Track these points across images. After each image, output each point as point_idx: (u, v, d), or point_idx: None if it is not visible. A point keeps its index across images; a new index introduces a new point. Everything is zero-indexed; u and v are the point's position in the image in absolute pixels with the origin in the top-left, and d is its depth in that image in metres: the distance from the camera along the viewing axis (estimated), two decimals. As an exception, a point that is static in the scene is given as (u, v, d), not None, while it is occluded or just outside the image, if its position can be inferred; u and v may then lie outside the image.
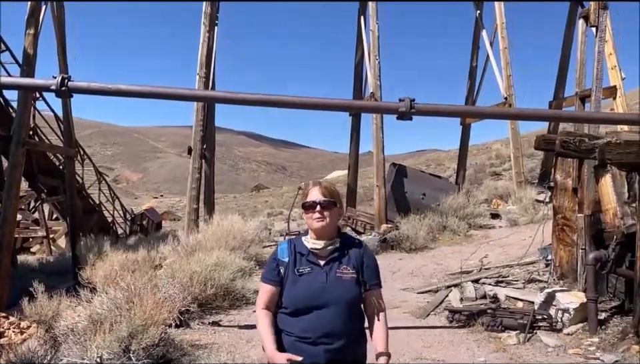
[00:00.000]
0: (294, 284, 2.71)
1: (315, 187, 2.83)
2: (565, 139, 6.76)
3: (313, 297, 2.67)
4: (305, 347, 2.64)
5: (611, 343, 5.82)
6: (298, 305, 2.68)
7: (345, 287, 2.71)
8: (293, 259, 2.76)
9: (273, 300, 2.76)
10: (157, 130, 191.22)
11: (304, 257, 2.76)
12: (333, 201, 2.79)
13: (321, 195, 2.78)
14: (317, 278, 2.71)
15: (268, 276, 2.79)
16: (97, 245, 13.07)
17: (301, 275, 2.72)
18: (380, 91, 15.82)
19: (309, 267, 2.74)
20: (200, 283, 7.43)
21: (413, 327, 7.00)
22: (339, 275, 2.72)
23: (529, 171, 22.56)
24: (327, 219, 2.75)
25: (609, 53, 13.13)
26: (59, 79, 4.78)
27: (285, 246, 2.82)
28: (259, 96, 5.73)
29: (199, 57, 14.99)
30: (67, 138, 15.78)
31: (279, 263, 2.77)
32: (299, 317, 2.68)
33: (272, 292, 2.76)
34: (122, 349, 5.03)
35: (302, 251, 2.78)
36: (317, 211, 2.75)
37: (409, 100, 5.59)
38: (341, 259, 2.77)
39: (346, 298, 2.70)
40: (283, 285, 2.74)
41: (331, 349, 2.64)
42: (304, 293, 2.68)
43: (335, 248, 2.78)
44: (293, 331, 2.68)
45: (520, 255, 9.42)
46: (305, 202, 2.80)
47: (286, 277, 2.74)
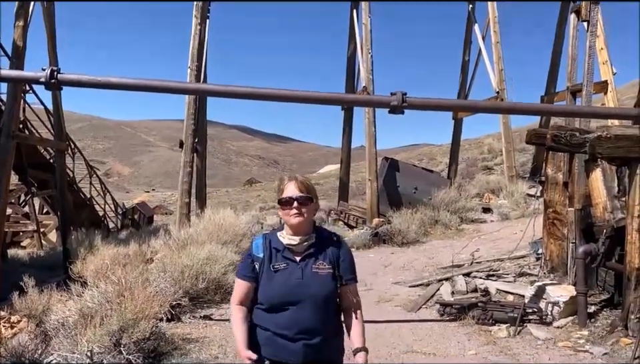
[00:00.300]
0: (269, 280, 2.68)
1: (290, 181, 2.77)
2: (556, 133, 6.78)
3: (289, 294, 2.64)
4: (283, 342, 2.64)
5: (600, 336, 5.88)
6: (274, 301, 2.66)
7: (321, 282, 2.69)
8: (269, 254, 2.72)
9: (248, 296, 2.74)
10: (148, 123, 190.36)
11: (279, 252, 2.73)
12: (310, 197, 2.74)
13: (298, 190, 2.72)
14: (292, 274, 2.68)
15: (243, 272, 2.76)
16: (88, 239, 13.00)
17: (277, 271, 2.68)
18: (372, 85, 15.81)
19: (284, 263, 2.70)
20: (191, 277, 7.41)
21: (404, 321, 7.03)
22: (315, 270, 2.70)
23: (521, 165, 22.65)
24: (304, 215, 2.71)
25: (600, 47, 13.16)
26: (48, 72, 4.75)
27: (259, 241, 2.78)
28: (250, 89, 5.72)
29: (190, 49, 14.91)
30: (58, 131, 15.66)
31: (254, 259, 2.73)
32: (276, 313, 2.66)
33: (247, 288, 2.73)
34: (113, 342, 5.03)
35: (277, 246, 2.74)
36: (294, 207, 2.70)
37: (401, 94, 5.61)
38: (316, 255, 2.73)
39: (322, 293, 2.69)
40: (258, 280, 2.71)
41: (309, 344, 2.63)
42: (280, 289, 2.65)
43: (310, 243, 2.74)
44: (269, 327, 2.66)
45: (511, 248, 9.47)
46: (281, 198, 2.75)
47: (261, 273, 2.71)
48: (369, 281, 9.19)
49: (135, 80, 5.10)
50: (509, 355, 5.62)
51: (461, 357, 5.62)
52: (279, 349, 2.64)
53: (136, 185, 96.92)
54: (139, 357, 5.05)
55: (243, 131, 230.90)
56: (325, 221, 17.04)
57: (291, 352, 2.63)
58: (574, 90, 12.52)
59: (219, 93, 6.01)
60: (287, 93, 5.82)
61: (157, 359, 5.40)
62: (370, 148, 15.62)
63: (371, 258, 11.37)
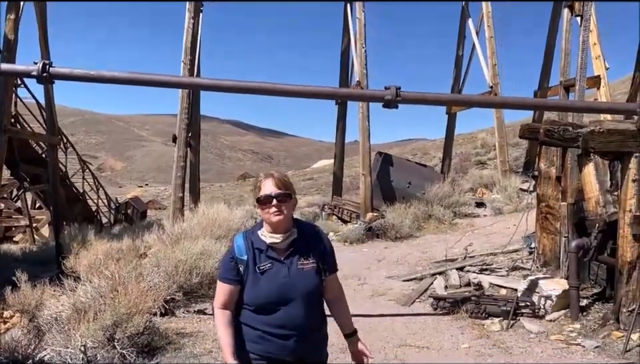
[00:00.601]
0: (256, 282, 2.63)
1: (267, 179, 2.70)
2: (549, 127, 6.80)
3: (278, 294, 2.62)
4: (274, 340, 2.63)
5: (592, 329, 5.92)
6: (262, 303, 2.62)
7: (307, 278, 2.67)
8: (252, 255, 2.66)
9: (232, 299, 2.68)
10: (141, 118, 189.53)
11: (263, 252, 2.67)
12: (288, 193, 2.69)
13: (276, 188, 2.67)
14: (278, 273, 2.64)
15: (226, 275, 2.69)
16: (81, 234, 12.96)
17: (263, 273, 2.63)
18: (366, 80, 15.78)
19: (269, 263, 2.65)
20: (185, 272, 7.40)
21: (397, 315, 7.05)
22: (300, 267, 2.67)
23: (514, 160, 22.72)
24: (284, 212, 2.66)
25: (593, 42, 13.19)
26: (40, 65, 4.69)
27: (241, 243, 2.69)
28: (243, 83, 5.69)
29: (184, 43, 14.85)
30: (50, 126, 15.59)
31: (238, 261, 2.66)
32: (265, 314, 2.63)
33: (231, 292, 2.67)
34: (106, 337, 5.02)
35: (260, 246, 2.68)
36: (274, 204, 2.64)
37: (395, 88, 5.58)
38: (300, 250, 2.70)
39: (310, 289, 2.68)
40: (243, 283, 2.66)
41: (300, 340, 2.64)
42: (267, 290, 2.62)
43: (293, 239, 2.70)
44: (259, 327, 2.63)
45: (504, 243, 9.51)
46: (260, 196, 2.68)
47: (246, 275, 2.65)
48: (362, 276, 9.21)
49: (127, 73, 5.05)
50: (501, 348, 5.65)
51: (454, 351, 5.65)
52: (269, 346, 2.63)
53: (129, 179, 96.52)
54: (132, 352, 5.05)
55: (237, 126, 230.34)
56: (318, 215, 17.05)
57: (282, 348, 2.63)
58: (567, 85, 12.57)
59: (211, 86, 5.98)
60: (280, 87, 5.80)
61: (150, 353, 5.40)
62: (364, 142, 15.61)
63: (365, 252, 11.39)
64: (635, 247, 5.69)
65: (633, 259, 5.70)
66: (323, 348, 2.84)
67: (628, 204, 5.73)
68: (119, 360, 4.89)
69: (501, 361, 5.27)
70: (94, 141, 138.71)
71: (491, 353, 5.52)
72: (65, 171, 19.11)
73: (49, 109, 15.67)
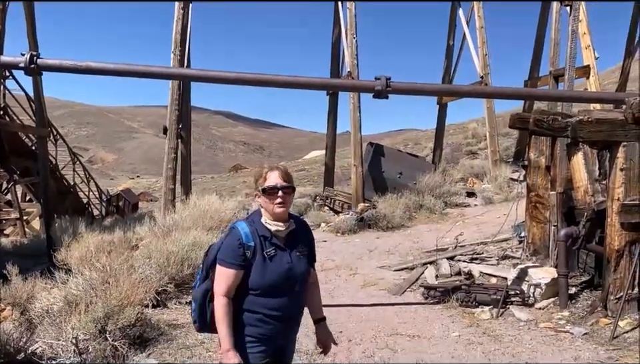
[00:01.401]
0: (265, 267, 2.75)
1: (274, 170, 2.84)
2: (539, 117, 6.85)
3: (284, 278, 2.77)
4: (272, 322, 2.77)
5: (581, 316, 6.00)
6: (270, 286, 2.75)
7: (304, 264, 2.89)
8: (259, 242, 2.77)
9: (236, 284, 2.76)
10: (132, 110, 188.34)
11: (267, 240, 2.79)
12: (293, 186, 2.86)
13: (282, 180, 2.81)
14: (283, 259, 2.79)
15: (233, 261, 2.75)
16: (72, 226, 12.91)
17: (271, 258, 2.77)
18: (357, 70, 15.76)
19: (273, 249, 2.79)
20: (177, 263, 7.40)
21: (388, 304, 7.11)
22: (298, 254, 2.86)
23: (504, 150, 22.83)
24: (286, 204, 2.81)
25: (582, 32, 13.25)
26: (27, 56, 4.69)
27: (247, 230, 2.78)
28: (234, 74, 5.69)
29: (173, 34, 14.75)
30: (39, 118, 15.48)
31: (245, 247, 2.74)
32: (270, 297, 2.76)
33: (237, 276, 2.75)
34: (98, 329, 5.02)
35: (265, 234, 2.80)
36: (279, 196, 2.78)
37: (385, 78, 5.63)
38: (296, 239, 2.89)
39: (305, 275, 2.90)
40: (248, 268, 2.75)
41: (294, 320, 2.88)
42: (275, 274, 2.75)
43: (292, 229, 2.87)
44: (260, 310, 2.76)
45: (494, 232, 9.58)
46: (266, 186, 2.80)
47: (252, 261, 2.75)
48: (354, 266, 9.26)
49: (116, 65, 5.05)
50: (491, 336, 5.71)
51: (445, 339, 5.70)
52: (266, 329, 2.77)
53: (120, 171, 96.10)
54: (124, 343, 5.05)
55: (228, 117, 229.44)
56: (310, 206, 17.08)
57: (278, 329, 2.79)
58: (556, 74, 12.63)
59: (201, 77, 5.98)
60: (271, 77, 5.81)
61: (142, 344, 5.41)
62: (355, 133, 15.62)
63: (357, 243, 11.44)
64: (622, 235, 5.76)
65: (620, 247, 5.76)
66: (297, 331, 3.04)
67: (616, 192, 5.79)
68: (110, 352, 4.90)
69: (490, 349, 5.32)
70: (84, 133, 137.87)
71: (481, 341, 5.58)
72: (55, 163, 18.99)
73: (38, 100, 15.56)
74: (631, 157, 5.72)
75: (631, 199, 5.71)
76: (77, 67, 4.62)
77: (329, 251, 10.69)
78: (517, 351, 5.27)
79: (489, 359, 5.11)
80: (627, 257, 5.76)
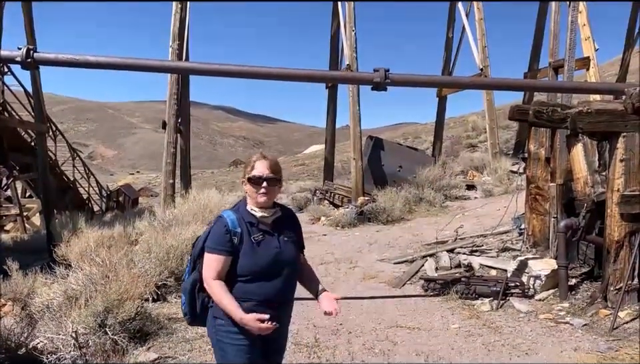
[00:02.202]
0: (253, 252, 2.79)
1: (262, 160, 2.87)
2: (538, 109, 6.83)
3: (273, 262, 2.81)
4: (264, 309, 2.76)
5: (581, 308, 6.00)
6: (260, 271, 2.78)
7: (292, 249, 2.92)
8: (246, 228, 2.81)
9: (225, 269, 2.80)
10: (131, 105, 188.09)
11: (254, 226, 2.84)
12: (278, 178, 2.87)
13: (268, 171, 2.85)
14: (271, 244, 2.84)
15: (220, 247, 2.79)
16: (72, 221, 12.89)
17: (259, 243, 2.80)
18: (357, 63, 15.71)
19: (261, 235, 2.83)
20: (177, 257, 7.39)
21: (389, 296, 7.11)
22: (286, 239, 2.90)
23: (504, 143, 22.82)
24: (270, 194, 2.85)
25: (582, 23, 13.19)
26: (24, 50, 4.67)
27: (234, 217, 2.84)
28: (233, 67, 5.67)
29: (172, 28, 14.71)
30: (38, 113, 15.46)
31: (232, 234, 2.79)
32: (260, 282, 2.78)
33: (225, 262, 2.79)
34: (98, 323, 5.03)
35: (251, 220, 2.84)
36: (264, 186, 2.82)
37: (384, 70, 5.61)
38: (283, 226, 2.93)
39: (295, 259, 2.94)
40: (236, 254, 2.79)
41: (284, 308, 2.90)
42: (264, 259, 2.80)
43: (278, 216, 2.91)
44: (251, 297, 2.78)
45: (494, 224, 9.58)
46: (252, 175, 2.83)
47: (240, 247, 2.79)
48: (354, 259, 9.26)
49: (113, 58, 5.03)
50: (491, 328, 5.72)
51: (445, 331, 5.70)
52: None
53: (120, 167, 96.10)
54: (124, 337, 5.06)
55: (228, 112, 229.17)
56: (310, 200, 17.08)
57: (272, 316, 2.77)
58: (556, 65, 12.57)
59: (200, 71, 5.97)
60: (269, 70, 5.79)
61: (142, 338, 5.42)
62: (354, 127, 15.58)
63: (357, 236, 11.44)
64: (622, 226, 5.75)
65: (620, 238, 5.76)
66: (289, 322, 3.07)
67: (616, 183, 5.78)
68: (110, 346, 4.90)
69: (490, 341, 5.33)
70: (84, 129, 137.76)
71: (481, 332, 5.59)
72: (54, 159, 18.98)
73: (37, 96, 15.53)
74: (630, 147, 5.72)
75: (631, 190, 5.71)
76: (74, 60, 4.61)
77: (329, 245, 10.69)
78: (516, 342, 5.27)
79: (488, 350, 5.11)
80: (626, 248, 5.75)
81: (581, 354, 4.82)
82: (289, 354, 5.06)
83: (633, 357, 4.57)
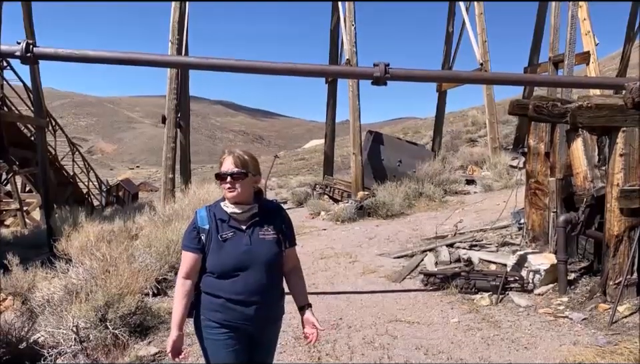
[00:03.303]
0: (219, 249, 2.78)
1: (228, 156, 2.86)
2: (538, 103, 6.82)
3: (240, 260, 2.77)
4: (236, 308, 2.77)
5: (580, 302, 6.01)
6: (226, 269, 2.77)
7: (267, 246, 2.84)
8: (215, 225, 2.82)
9: (195, 267, 2.82)
10: (131, 100, 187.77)
11: (225, 222, 2.83)
12: (244, 172, 2.83)
13: (233, 165, 2.82)
14: (240, 241, 2.80)
15: (189, 244, 2.83)
16: (72, 216, 12.93)
17: (225, 240, 2.80)
18: (356, 58, 15.69)
19: (231, 232, 2.82)
20: (177, 252, 7.40)
21: (388, 291, 7.12)
22: (262, 236, 2.84)
23: (504, 137, 22.80)
24: (237, 189, 2.81)
25: (582, 18, 13.19)
26: (23, 45, 4.66)
27: (204, 214, 2.86)
28: (232, 61, 5.66)
29: (171, 22, 14.70)
30: (37, 108, 15.45)
31: (200, 231, 2.82)
32: (227, 279, 2.77)
33: (194, 259, 2.81)
34: (98, 318, 5.05)
35: (222, 217, 2.84)
36: (228, 181, 2.81)
37: (384, 65, 5.59)
38: (261, 223, 2.87)
39: (270, 257, 2.84)
40: (206, 251, 2.80)
41: (261, 307, 2.81)
42: (230, 257, 2.77)
43: (254, 213, 2.87)
44: (222, 294, 2.78)
45: (494, 219, 9.58)
46: (218, 172, 2.86)
47: (208, 244, 2.80)
48: (354, 253, 9.27)
49: (112, 53, 5.03)
50: (490, 322, 5.73)
51: (444, 325, 5.71)
52: (231, 315, 2.78)
53: (120, 162, 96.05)
54: (125, 331, 5.08)
55: (228, 107, 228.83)
56: (310, 195, 17.09)
57: (244, 316, 2.78)
58: (556, 60, 12.57)
59: (200, 65, 5.95)
60: (269, 65, 5.78)
61: (143, 332, 5.44)
62: (354, 121, 15.59)
63: (356, 230, 11.45)
64: (622, 220, 5.76)
65: (619, 233, 5.76)
66: (278, 320, 3.03)
67: (615, 178, 5.78)
68: (111, 340, 4.92)
69: (490, 335, 5.34)
70: (84, 124, 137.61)
71: (480, 326, 5.60)
72: (54, 153, 18.99)
73: (36, 90, 15.51)
74: (630, 142, 5.71)
75: (630, 185, 5.71)
76: (74, 55, 4.60)
77: (328, 239, 10.71)
78: (515, 336, 5.29)
79: (488, 344, 5.12)
80: (626, 243, 5.76)
81: (580, 348, 4.83)
82: (288, 348, 5.09)
83: (631, 351, 4.58)
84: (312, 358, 4.93)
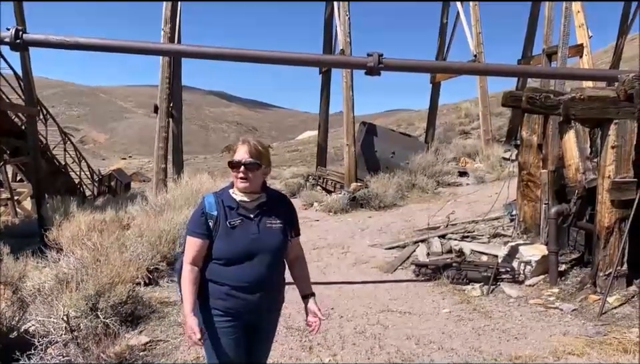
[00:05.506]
0: (227, 236, 2.78)
1: (243, 144, 2.85)
2: (531, 95, 6.83)
3: (248, 247, 2.78)
4: (241, 295, 2.78)
5: (570, 293, 6.06)
6: (233, 256, 2.77)
7: (275, 235, 2.86)
8: (223, 212, 2.81)
9: (201, 253, 2.81)
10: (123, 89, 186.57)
11: (234, 210, 2.83)
12: (258, 163, 2.82)
13: (247, 155, 2.81)
14: (249, 229, 2.80)
15: (197, 230, 2.82)
16: (64, 206, 12.86)
17: (234, 227, 2.79)
18: (350, 48, 15.62)
19: (239, 219, 2.81)
20: (169, 242, 7.40)
21: (380, 281, 7.15)
22: (269, 225, 2.85)
23: (497, 129, 22.82)
24: (250, 180, 2.81)
25: (576, 10, 13.18)
26: (12, 31, 4.61)
27: (212, 200, 2.85)
28: (225, 50, 5.62)
29: (163, 11, 14.56)
30: (28, 96, 15.29)
31: (208, 217, 2.81)
32: (233, 266, 2.77)
33: (201, 245, 2.81)
34: (89, 307, 5.02)
35: (231, 204, 2.84)
36: (241, 171, 2.80)
37: (377, 55, 5.57)
38: (268, 212, 2.88)
39: (276, 246, 2.86)
40: (213, 237, 2.80)
41: (265, 295, 2.83)
42: (239, 244, 2.78)
43: (262, 202, 2.88)
44: (227, 281, 2.78)
45: (486, 211, 9.62)
46: (231, 160, 2.83)
47: (216, 230, 2.79)
48: (346, 244, 9.29)
49: (103, 40, 4.97)
50: (481, 312, 5.76)
51: (436, 315, 5.75)
52: (234, 302, 2.78)
53: (112, 151, 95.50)
54: (116, 321, 5.05)
55: (221, 97, 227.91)
56: (303, 186, 17.07)
57: (246, 303, 2.79)
58: (549, 52, 12.58)
59: (192, 53, 5.91)
60: (262, 53, 5.74)
61: (134, 322, 5.43)
62: (347, 112, 15.55)
63: (349, 222, 11.47)
64: (612, 212, 5.79)
65: (610, 225, 5.80)
66: (278, 308, 3.06)
67: (607, 170, 5.81)
68: (102, 329, 4.90)
69: (480, 325, 5.37)
70: (75, 113, 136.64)
71: (471, 317, 5.63)
72: (45, 143, 18.84)
73: (27, 78, 15.34)
74: (622, 134, 5.74)
75: (622, 177, 5.74)
76: (65, 42, 4.54)
77: (321, 230, 10.72)
78: (506, 326, 5.32)
79: (479, 334, 5.15)
80: (616, 234, 5.80)
81: (570, 338, 4.87)
82: (280, 338, 5.09)
83: (620, 341, 4.63)
84: (303, 347, 4.94)
